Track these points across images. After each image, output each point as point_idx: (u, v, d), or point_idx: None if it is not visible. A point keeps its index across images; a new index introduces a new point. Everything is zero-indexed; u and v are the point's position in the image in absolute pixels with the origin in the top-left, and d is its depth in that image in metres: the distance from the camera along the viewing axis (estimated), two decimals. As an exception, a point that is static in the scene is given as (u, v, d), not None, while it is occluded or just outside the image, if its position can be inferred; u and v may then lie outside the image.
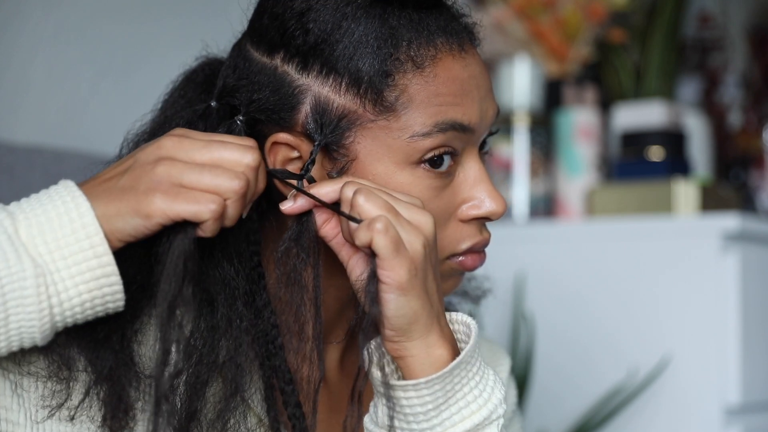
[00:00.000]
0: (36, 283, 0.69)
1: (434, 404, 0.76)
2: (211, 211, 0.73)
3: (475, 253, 0.85)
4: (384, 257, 0.74)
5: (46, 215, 0.72)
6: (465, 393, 0.77)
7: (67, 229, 0.71)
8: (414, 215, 0.76)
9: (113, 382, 0.75)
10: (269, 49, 0.82)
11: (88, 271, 0.71)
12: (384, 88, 0.79)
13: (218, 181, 0.73)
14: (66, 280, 0.71)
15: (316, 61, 0.79)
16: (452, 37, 0.82)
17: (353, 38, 0.79)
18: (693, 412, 1.50)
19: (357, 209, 0.75)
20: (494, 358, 1.01)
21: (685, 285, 1.53)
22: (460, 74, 0.81)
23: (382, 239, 0.73)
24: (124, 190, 0.73)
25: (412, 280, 0.74)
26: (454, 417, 0.77)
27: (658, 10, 1.94)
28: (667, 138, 1.73)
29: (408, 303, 0.75)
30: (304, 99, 0.80)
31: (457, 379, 0.77)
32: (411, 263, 0.74)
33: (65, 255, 0.71)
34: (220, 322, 0.77)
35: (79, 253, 0.71)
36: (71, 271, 0.71)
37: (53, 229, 0.71)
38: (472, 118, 0.81)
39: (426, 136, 0.79)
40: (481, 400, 0.78)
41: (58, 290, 0.70)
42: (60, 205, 0.72)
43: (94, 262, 0.71)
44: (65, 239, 0.71)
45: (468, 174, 0.83)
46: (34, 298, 0.70)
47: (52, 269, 0.70)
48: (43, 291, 0.70)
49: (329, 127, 0.79)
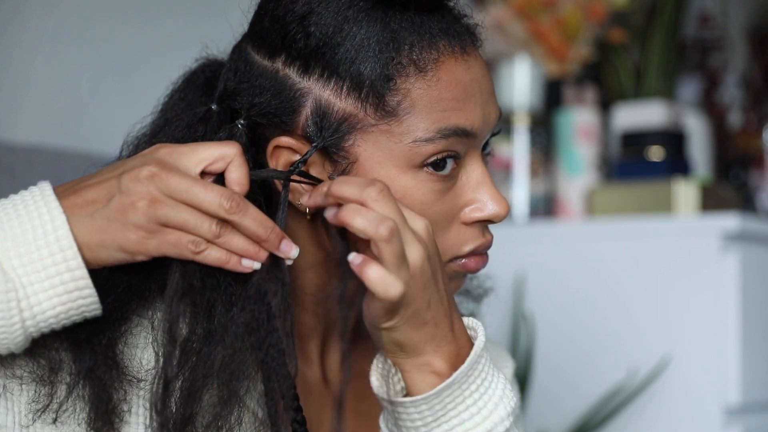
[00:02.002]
0: (6, 298, 0.70)
1: (433, 417, 0.77)
2: (194, 253, 0.73)
3: (478, 256, 0.85)
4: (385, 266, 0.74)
5: (21, 227, 0.71)
6: (460, 411, 0.78)
7: (41, 242, 0.71)
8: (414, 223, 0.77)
9: (93, 382, 0.75)
10: (270, 52, 0.81)
11: (61, 284, 0.71)
12: (386, 93, 0.78)
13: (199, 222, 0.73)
14: (39, 294, 0.71)
15: (318, 64, 0.79)
16: (454, 40, 0.81)
17: (355, 42, 0.79)
18: (693, 412, 1.50)
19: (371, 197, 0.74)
20: (497, 361, 1.00)
21: (685, 285, 1.53)
22: (463, 77, 0.81)
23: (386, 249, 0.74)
24: (108, 221, 0.72)
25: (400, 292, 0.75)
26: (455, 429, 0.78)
27: (658, 10, 1.94)
28: (667, 138, 1.73)
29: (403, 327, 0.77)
30: (305, 102, 0.80)
31: (449, 399, 0.77)
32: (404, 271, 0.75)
33: (38, 268, 0.71)
34: (217, 328, 0.77)
35: (52, 266, 0.71)
36: (44, 284, 0.71)
37: (27, 242, 0.71)
38: (474, 123, 0.81)
39: (428, 142, 0.79)
40: (479, 418, 0.78)
41: (31, 303, 0.71)
42: (35, 217, 0.72)
43: (67, 276, 0.71)
44: (39, 252, 0.71)
45: (471, 177, 0.83)
46: (5, 312, 0.70)
47: (25, 283, 0.70)
48: (14, 306, 0.70)
49: (329, 131, 0.79)
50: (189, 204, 0.73)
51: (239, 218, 0.74)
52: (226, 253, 0.75)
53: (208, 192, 0.73)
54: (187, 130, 0.82)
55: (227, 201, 0.73)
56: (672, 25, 1.93)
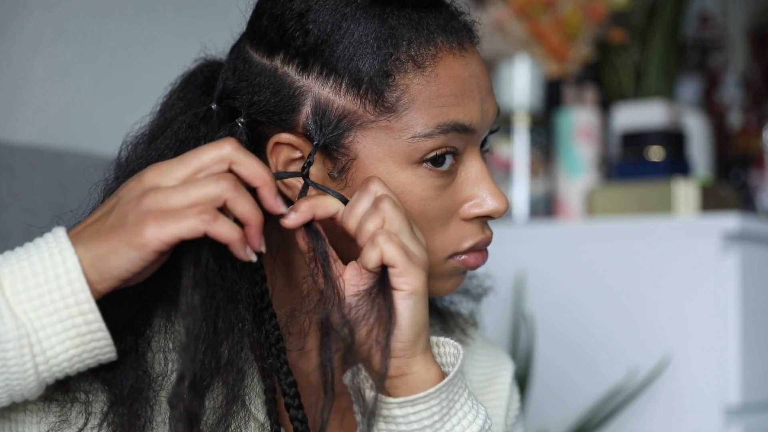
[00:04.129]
0: (19, 344, 0.68)
1: (430, 420, 0.77)
2: (205, 221, 0.70)
3: (478, 252, 0.85)
4: (399, 265, 0.75)
5: (32, 269, 0.70)
6: (462, 404, 0.78)
7: (53, 284, 0.69)
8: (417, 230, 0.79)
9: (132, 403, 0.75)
10: (269, 51, 0.82)
11: (73, 328, 0.70)
12: (384, 89, 0.79)
13: (204, 190, 0.71)
14: (51, 338, 0.69)
15: (316, 62, 0.79)
16: (452, 36, 0.81)
17: (353, 39, 0.79)
18: (693, 412, 1.50)
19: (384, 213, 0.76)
20: (497, 362, 1.01)
21: (685, 285, 1.53)
22: (461, 73, 0.81)
23: (392, 249, 0.75)
24: (113, 227, 0.71)
25: (424, 287, 0.76)
26: (455, 428, 0.78)
27: (658, 10, 1.94)
28: (667, 138, 1.73)
29: (423, 309, 0.76)
30: (305, 100, 0.80)
31: (456, 388, 0.78)
32: (424, 272, 0.76)
33: (50, 311, 0.69)
34: (222, 326, 0.76)
35: (64, 309, 0.69)
36: (56, 327, 0.69)
37: (38, 285, 0.69)
38: (473, 119, 0.81)
39: (427, 137, 0.79)
40: (475, 411, 0.79)
41: (44, 348, 0.69)
42: (47, 258, 0.70)
43: (80, 319, 0.70)
44: (50, 295, 0.69)
45: (470, 173, 0.83)
46: (18, 359, 0.69)
47: (37, 327, 0.69)
48: (27, 352, 0.69)
49: (329, 128, 0.79)
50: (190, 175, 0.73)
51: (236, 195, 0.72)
52: (234, 229, 0.72)
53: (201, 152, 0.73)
54: (189, 131, 0.82)
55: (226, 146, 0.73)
56: (672, 25, 1.93)
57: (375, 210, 0.76)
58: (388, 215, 0.75)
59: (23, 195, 1.15)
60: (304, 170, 0.80)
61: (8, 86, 1.28)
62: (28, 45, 1.30)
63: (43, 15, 1.32)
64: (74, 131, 1.35)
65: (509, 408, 0.98)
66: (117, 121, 0.96)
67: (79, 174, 1.11)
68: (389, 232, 0.75)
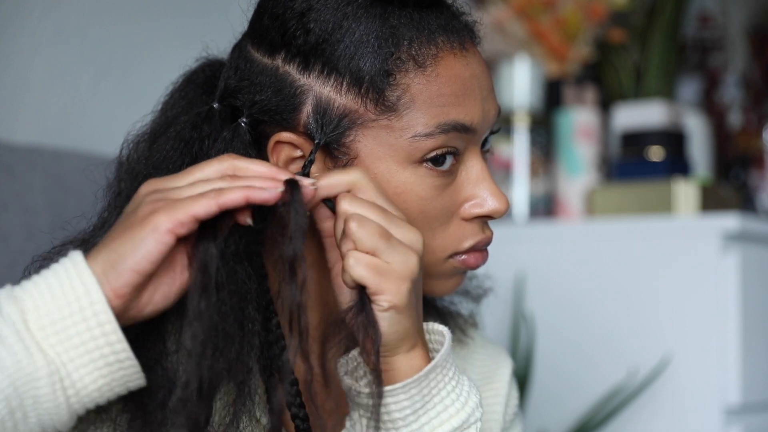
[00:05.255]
0: (51, 381, 0.68)
1: (412, 409, 0.77)
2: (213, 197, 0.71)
3: (478, 252, 0.85)
4: (370, 284, 0.74)
5: (55, 303, 0.69)
6: (443, 397, 0.78)
7: (78, 317, 0.69)
8: (406, 234, 0.76)
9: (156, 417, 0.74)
10: (270, 50, 0.82)
11: (101, 358, 0.70)
12: (385, 88, 0.79)
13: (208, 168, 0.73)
14: (80, 369, 0.69)
15: (318, 61, 0.79)
16: (453, 36, 0.81)
17: (354, 38, 0.79)
18: (693, 412, 1.50)
19: (351, 237, 0.74)
20: (496, 360, 1.01)
21: (685, 285, 1.53)
22: (462, 73, 0.81)
23: (360, 271, 0.74)
24: (124, 230, 0.71)
25: (407, 299, 0.75)
26: (432, 421, 0.77)
27: (658, 10, 1.94)
28: (667, 138, 1.73)
29: (401, 321, 0.75)
30: (306, 99, 0.80)
31: (434, 383, 0.77)
32: (405, 282, 0.75)
33: (76, 344, 0.69)
34: (232, 328, 0.76)
35: (91, 341, 0.69)
36: (84, 359, 0.69)
37: (63, 318, 0.69)
38: (474, 119, 0.81)
39: (428, 137, 0.79)
40: (459, 404, 0.78)
41: (73, 381, 0.69)
42: (69, 292, 0.69)
43: (107, 350, 0.69)
44: (76, 328, 0.69)
45: (470, 173, 0.83)
46: (50, 395, 0.68)
47: (65, 360, 0.69)
48: (59, 387, 0.68)
49: (330, 127, 0.79)
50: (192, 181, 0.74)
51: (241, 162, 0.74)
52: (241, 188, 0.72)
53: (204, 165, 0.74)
54: (193, 131, 0.83)
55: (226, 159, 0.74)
56: (672, 25, 1.93)
57: (345, 234, 0.75)
58: (356, 237, 0.74)
59: (23, 195, 1.15)
60: (305, 169, 0.80)
61: (8, 86, 1.28)
62: (28, 45, 1.30)
63: (43, 15, 1.32)
64: (74, 131, 1.34)
65: (507, 405, 0.98)
66: (117, 121, 0.96)
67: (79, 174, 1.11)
68: (357, 253, 0.74)
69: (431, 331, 0.81)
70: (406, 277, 0.75)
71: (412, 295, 0.76)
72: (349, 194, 0.76)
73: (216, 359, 0.73)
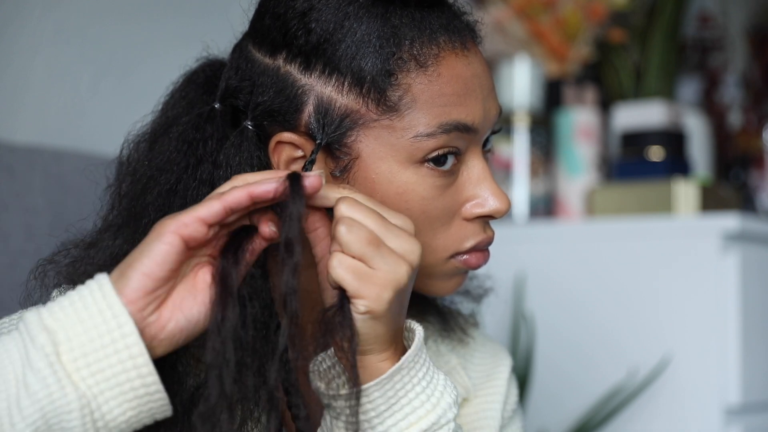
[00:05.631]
0: (81, 414, 0.68)
1: (376, 412, 0.76)
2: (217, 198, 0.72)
3: (479, 252, 0.85)
4: (349, 287, 0.74)
5: (87, 335, 0.69)
6: (410, 399, 0.77)
7: (110, 349, 0.68)
8: (402, 244, 0.75)
9: None
10: (272, 50, 0.82)
11: (131, 390, 0.69)
12: (387, 88, 0.79)
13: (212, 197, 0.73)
14: (110, 401, 0.69)
15: (319, 60, 0.79)
16: (455, 35, 0.81)
17: (355, 37, 0.79)
18: (693, 412, 1.50)
19: (338, 240, 0.74)
20: (495, 358, 1.01)
21: (685, 285, 1.53)
22: (464, 73, 0.81)
23: (341, 273, 0.73)
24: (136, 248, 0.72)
25: (385, 307, 0.74)
26: (400, 423, 0.77)
27: (658, 10, 1.93)
28: (667, 138, 1.73)
29: (375, 327, 0.75)
30: (308, 99, 0.80)
31: (399, 385, 0.77)
32: (387, 290, 0.74)
33: (108, 377, 0.69)
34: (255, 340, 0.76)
35: (123, 374, 0.69)
36: (114, 392, 0.69)
37: (95, 350, 0.68)
38: (475, 118, 0.81)
39: (430, 137, 0.79)
40: (429, 405, 0.77)
41: (103, 413, 0.69)
42: (101, 324, 0.69)
43: (138, 382, 0.69)
44: (108, 360, 0.69)
45: (472, 172, 0.83)
46: (80, 428, 0.68)
47: (96, 393, 0.68)
48: (89, 420, 0.68)
49: (331, 127, 0.79)
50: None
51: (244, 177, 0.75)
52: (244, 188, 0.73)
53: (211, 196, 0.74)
54: (195, 132, 0.83)
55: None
56: (672, 25, 1.93)
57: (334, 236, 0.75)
58: (343, 240, 0.74)
59: (23, 195, 1.15)
60: (306, 169, 0.80)
61: (8, 86, 1.28)
62: (28, 45, 1.30)
63: (43, 15, 1.32)
64: (74, 131, 1.35)
65: (506, 402, 0.98)
66: (117, 121, 0.96)
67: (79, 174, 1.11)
68: (341, 255, 0.74)
69: (407, 329, 0.80)
70: (389, 285, 0.74)
71: (394, 304, 0.75)
72: (349, 198, 0.76)
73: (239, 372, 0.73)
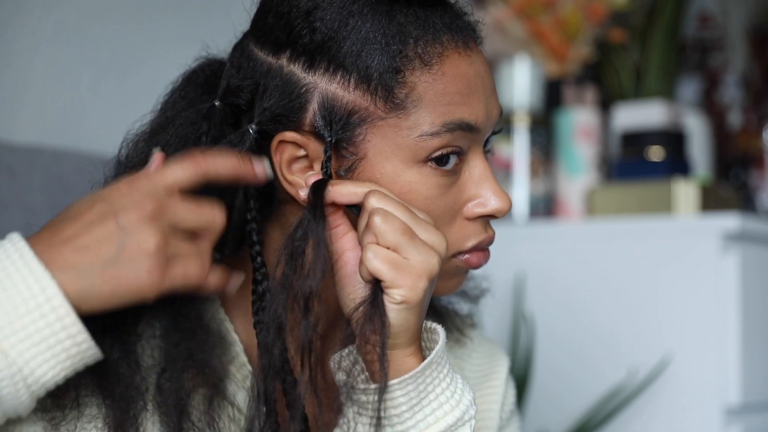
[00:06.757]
0: (12, 381, 0.68)
1: (408, 405, 0.77)
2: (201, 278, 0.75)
3: (480, 251, 0.86)
4: (385, 277, 0.75)
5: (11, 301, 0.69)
6: (437, 394, 0.78)
7: (36, 314, 0.69)
8: (430, 236, 0.77)
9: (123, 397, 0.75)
10: (275, 49, 0.82)
11: (63, 352, 0.70)
12: (394, 85, 0.79)
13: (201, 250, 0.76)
14: (43, 365, 0.69)
15: (323, 58, 0.79)
16: (457, 35, 0.82)
17: (361, 35, 0.79)
18: (693, 412, 1.50)
19: (374, 230, 0.75)
20: (493, 358, 1.01)
21: (685, 285, 1.53)
22: (467, 72, 0.81)
23: (377, 264, 0.74)
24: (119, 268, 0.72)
25: (421, 296, 0.76)
26: (428, 418, 0.77)
27: (658, 10, 1.93)
28: (667, 138, 1.73)
29: (409, 318, 0.76)
30: (311, 98, 0.80)
31: (429, 379, 0.77)
32: (422, 280, 0.75)
33: (37, 341, 0.69)
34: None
35: (52, 337, 0.69)
36: (46, 355, 0.69)
37: (21, 316, 0.68)
38: (478, 118, 0.82)
39: (434, 136, 0.80)
40: (453, 402, 0.78)
41: (37, 377, 0.69)
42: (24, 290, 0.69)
43: (69, 343, 0.70)
44: (35, 325, 0.69)
45: (473, 172, 0.84)
46: (13, 393, 0.69)
47: (28, 358, 0.69)
48: (22, 386, 0.69)
49: (339, 123, 0.79)
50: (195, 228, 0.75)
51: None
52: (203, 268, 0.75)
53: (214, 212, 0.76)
54: (190, 127, 0.83)
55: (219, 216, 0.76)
56: (672, 25, 1.93)
57: (368, 227, 0.76)
58: (379, 231, 0.75)
59: (23, 195, 1.15)
60: (325, 167, 0.80)
61: (8, 86, 1.28)
62: (28, 45, 1.30)
63: (43, 15, 1.32)
64: (74, 131, 1.34)
65: (504, 403, 0.99)
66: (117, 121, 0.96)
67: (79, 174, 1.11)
68: (376, 246, 0.75)
69: (426, 329, 0.81)
70: (424, 274, 0.75)
71: (427, 295, 0.76)
72: (377, 191, 0.77)
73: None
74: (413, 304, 0.75)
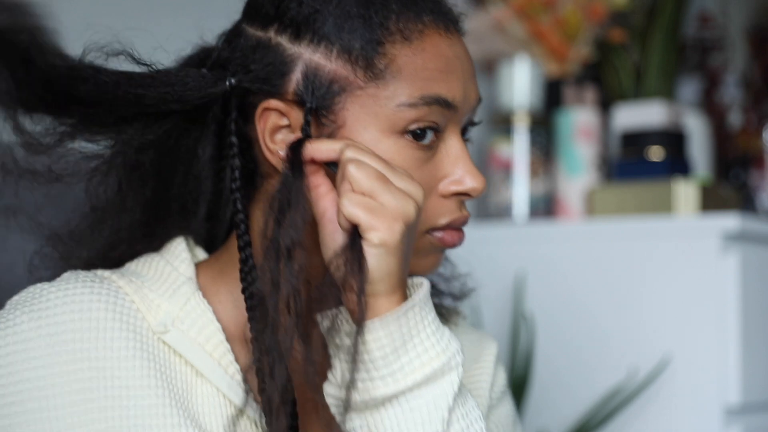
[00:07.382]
0: None
1: (392, 347, 0.77)
2: None
3: (454, 230, 0.87)
4: (361, 221, 0.76)
5: None
6: (423, 339, 0.78)
7: None
8: (406, 185, 0.78)
9: None
10: (264, 23, 0.85)
11: None
12: (374, 56, 0.82)
13: None
14: None
15: (308, 29, 0.82)
16: (439, 18, 0.85)
17: (345, 9, 0.82)
18: (693, 412, 1.50)
19: (348, 178, 0.77)
20: (481, 344, 1.02)
21: (685, 285, 1.53)
22: (446, 52, 0.84)
23: (352, 210, 0.76)
24: None
25: (398, 238, 0.76)
26: (413, 362, 0.77)
27: (658, 10, 1.93)
28: (667, 138, 1.73)
29: (388, 261, 0.76)
30: (296, 67, 0.83)
31: (413, 323, 0.78)
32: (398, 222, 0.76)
33: None
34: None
35: None
36: None
37: None
38: (456, 96, 0.84)
39: (411, 107, 0.82)
40: (440, 348, 0.78)
41: None
42: None
43: None
44: None
45: (450, 150, 0.86)
46: None
47: None
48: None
49: (320, 91, 0.82)
50: None
51: None
52: None
53: None
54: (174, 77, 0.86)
55: None
56: (672, 25, 1.93)
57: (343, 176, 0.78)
58: (354, 178, 0.77)
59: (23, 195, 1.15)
60: (304, 132, 0.82)
61: (8, 86, 1.28)
62: (28, 45, 1.30)
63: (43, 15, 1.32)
64: (74, 131, 1.34)
65: (494, 383, 0.99)
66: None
67: (79, 174, 1.11)
68: (351, 194, 0.76)
69: (412, 284, 0.82)
70: (399, 217, 0.76)
71: (404, 238, 0.77)
72: (353, 145, 0.79)
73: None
74: (391, 247, 0.76)
